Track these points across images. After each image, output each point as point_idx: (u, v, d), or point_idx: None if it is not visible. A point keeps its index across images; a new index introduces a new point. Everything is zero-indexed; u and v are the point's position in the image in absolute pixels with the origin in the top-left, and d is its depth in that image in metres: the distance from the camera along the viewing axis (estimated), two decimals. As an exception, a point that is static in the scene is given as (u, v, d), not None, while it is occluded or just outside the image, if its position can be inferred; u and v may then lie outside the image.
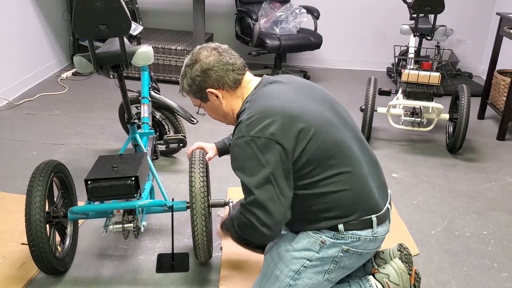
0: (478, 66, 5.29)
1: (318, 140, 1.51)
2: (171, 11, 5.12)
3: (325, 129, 1.54)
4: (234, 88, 1.65)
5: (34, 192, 1.81)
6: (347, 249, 1.58)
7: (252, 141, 1.49)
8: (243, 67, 1.66)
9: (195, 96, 1.69)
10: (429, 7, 3.40)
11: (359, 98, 4.24)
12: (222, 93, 1.64)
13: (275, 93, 1.59)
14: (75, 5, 1.79)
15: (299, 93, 1.62)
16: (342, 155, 1.55)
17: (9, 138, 3.22)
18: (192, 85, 1.66)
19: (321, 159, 1.52)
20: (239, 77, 1.64)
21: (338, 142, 1.55)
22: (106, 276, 2.02)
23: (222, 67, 1.61)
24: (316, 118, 1.54)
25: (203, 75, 1.62)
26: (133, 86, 3.15)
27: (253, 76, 1.71)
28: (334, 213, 1.56)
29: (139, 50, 2.08)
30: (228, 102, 1.67)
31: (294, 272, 1.61)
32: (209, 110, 1.73)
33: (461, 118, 3.12)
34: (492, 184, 2.96)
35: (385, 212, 1.64)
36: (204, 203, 1.84)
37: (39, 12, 4.28)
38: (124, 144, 2.40)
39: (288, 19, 4.52)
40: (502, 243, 2.38)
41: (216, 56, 1.62)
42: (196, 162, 1.92)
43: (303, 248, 1.60)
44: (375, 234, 1.60)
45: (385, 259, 1.79)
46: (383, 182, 1.72)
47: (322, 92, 1.69)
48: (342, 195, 1.55)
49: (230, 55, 1.64)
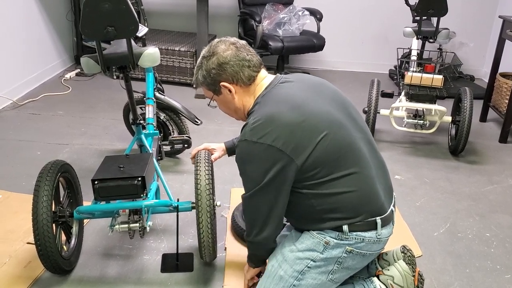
0: (480, 69, 5.31)
1: (325, 143, 1.52)
2: (175, 12, 5.14)
3: (333, 131, 1.55)
4: (248, 84, 1.65)
5: (41, 192, 1.83)
6: (350, 250, 1.59)
7: (254, 146, 1.52)
8: (258, 65, 1.66)
9: (208, 88, 1.69)
10: (433, 10, 3.42)
11: (361, 100, 4.25)
12: (235, 88, 1.65)
13: (283, 96, 1.60)
14: (83, 7, 1.81)
15: (309, 94, 1.62)
16: (350, 157, 1.56)
17: (13, 138, 3.23)
18: (206, 77, 1.66)
19: (328, 161, 1.53)
20: (254, 74, 1.65)
21: (347, 143, 1.56)
22: (111, 275, 2.03)
23: (239, 63, 1.61)
24: (324, 120, 1.55)
25: (218, 69, 1.62)
26: (137, 87, 3.17)
27: (267, 74, 1.71)
28: (340, 214, 1.57)
29: (146, 51, 2.10)
30: (240, 98, 1.67)
31: (298, 272, 1.62)
32: (221, 103, 1.74)
33: (463, 121, 3.13)
34: (494, 186, 2.97)
35: (389, 214, 1.65)
36: (209, 203, 1.85)
37: (43, 13, 4.30)
38: (130, 145, 2.42)
39: (291, 21, 4.54)
40: (504, 245, 2.39)
41: (233, 50, 1.62)
42: (201, 162, 1.94)
43: (307, 248, 1.61)
44: (379, 236, 1.61)
45: (388, 261, 1.80)
46: (389, 184, 1.73)
47: (333, 92, 1.69)
48: (348, 196, 1.55)
49: (247, 51, 1.64)
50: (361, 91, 4.58)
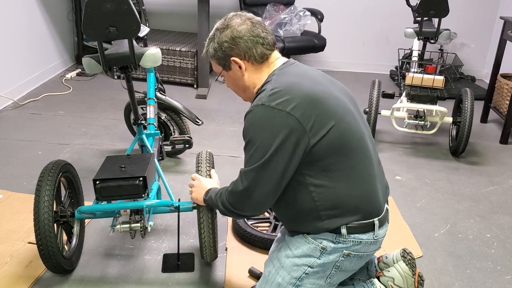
0: (481, 70, 5.31)
1: (341, 128, 1.48)
2: (176, 12, 5.14)
3: (348, 120, 1.51)
4: (260, 62, 1.59)
5: (43, 192, 1.83)
6: (348, 253, 1.56)
7: (272, 112, 1.44)
8: (272, 44, 1.61)
9: (218, 63, 1.64)
10: (434, 11, 3.42)
11: (362, 101, 4.25)
12: (246, 64, 1.59)
13: (302, 72, 1.56)
14: (85, 7, 1.81)
15: (326, 79, 1.60)
16: (359, 150, 1.53)
17: (14, 138, 3.24)
18: (218, 50, 1.59)
19: (338, 149, 1.48)
20: (267, 52, 1.59)
21: (358, 135, 1.54)
22: (112, 275, 2.03)
23: (252, 39, 1.56)
24: (340, 106, 1.52)
25: (231, 42, 1.56)
26: (138, 87, 3.17)
27: (280, 55, 1.66)
28: (338, 211, 1.52)
29: (148, 52, 2.10)
30: (251, 76, 1.60)
31: (296, 279, 1.58)
32: (229, 80, 1.67)
33: (464, 122, 3.13)
34: (495, 187, 2.97)
35: (385, 214, 1.63)
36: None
37: (44, 13, 4.30)
38: (131, 145, 2.42)
39: (292, 22, 4.54)
40: (505, 246, 2.39)
41: (249, 25, 1.57)
42: (203, 163, 1.94)
43: (304, 254, 1.57)
44: (376, 237, 1.58)
45: (388, 264, 1.79)
46: (386, 184, 1.72)
47: (342, 86, 1.68)
48: (350, 194, 1.52)
49: (263, 28, 1.59)
50: (362, 92, 4.58)
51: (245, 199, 1.54)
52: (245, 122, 1.51)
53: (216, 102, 4.08)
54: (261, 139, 1.46)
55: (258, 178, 1.49)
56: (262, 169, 1.47)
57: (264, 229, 2.30)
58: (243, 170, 1.53)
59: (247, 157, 1.51)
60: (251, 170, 1.49)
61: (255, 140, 1.47)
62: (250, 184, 1.51)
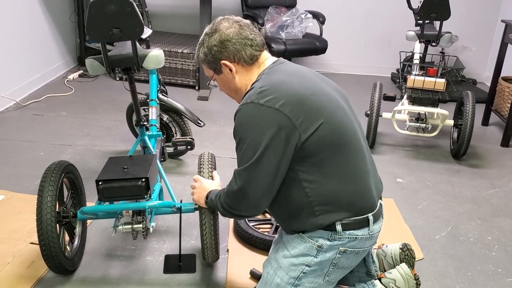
0: (482, 73, 5.31)
1: (332, 124, 1.49)
2: (178, 14, 5.16)
3: (340, 116, 1.53)
4: (250, 63, 1.61)
5: (46, 192, 1.84)
6: (344, 250, 1.57)
7: (261, 109, 1.46)
8: (261, 45, 1.63)
9: (209, 67, 1.66)
10: (435, 14, 3.43)
11: (363, 103, 4.25)
12: (236, 67, 1.61)
13: (292, 70, 1.58)
14: (89, 9, 1.82)
15: (317, 77, 1.62)
16: (352, 146, 1.54)
17: (16, 139, 3.25)
18: (208, 54, 1.62)
19: (330, 144, 1.49)
20: (256, 53, 1.61)
21: (351, 132, 1.55)
22: (114, 276, 2.04)
23: (241, 41, 1.58)
24: (332, 103, 1.54)
25: (220, 46, 1.59)
26: (140, 89, 3.18)
27: (270, 55, 1.67)
28: (331, 207, 1.52)
29: (151, 53, 2.11)
30: (241, 77, 1.63)
31: (294, 279, 1.59)
32: (221, 83, 1.69)
33: (465, 124, 3.14)
34: (496, 190, 2.97)
35: (379, 209, 1.63)
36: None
37: (47, 14, 4.31)
38: (133, 146, 2.43)
39: (294, 24, 4.55)
40: (506, 248, 2.39)
41: (236, 28, 1.59)
42: (205, 164, 1.95)
43: (300, 253, 1.58)
44: (371, 232, 1.59)
45: (386, 252, 1.79)
46: (380, 179, 1.73)
47: (334, 84, 1.70)
48: (343, 188, 1.52)
49: (251, 30, 1.61)
50: (364, 94, 4.59)
51: (241, 199, 1.55)
52: (235, 121, 1.53)
53: (217, 104, 4.09)
54: (252, 136, 1.48)
55: (251, 176, 1.50)
56: (254, 166, 1.48)
57: (265, 231, 2.31)
58: (237, 170, 1.55)
59: (240, 156, 1.53)
60: (244, 169, 1.51)
61: (245, 138, 1.49)
62: (244, 183, 1.52)
